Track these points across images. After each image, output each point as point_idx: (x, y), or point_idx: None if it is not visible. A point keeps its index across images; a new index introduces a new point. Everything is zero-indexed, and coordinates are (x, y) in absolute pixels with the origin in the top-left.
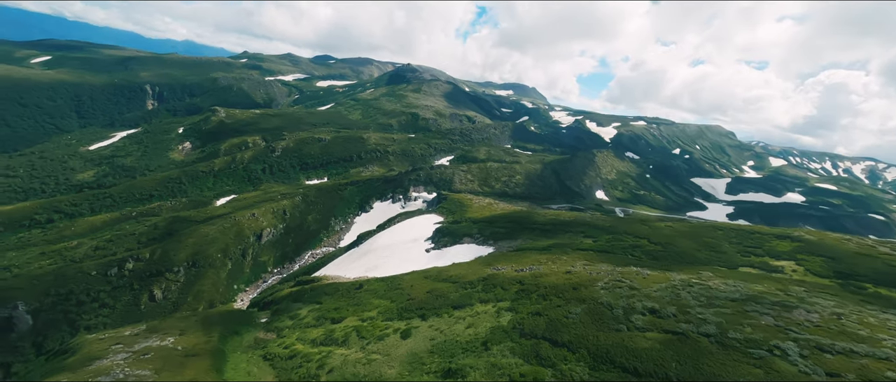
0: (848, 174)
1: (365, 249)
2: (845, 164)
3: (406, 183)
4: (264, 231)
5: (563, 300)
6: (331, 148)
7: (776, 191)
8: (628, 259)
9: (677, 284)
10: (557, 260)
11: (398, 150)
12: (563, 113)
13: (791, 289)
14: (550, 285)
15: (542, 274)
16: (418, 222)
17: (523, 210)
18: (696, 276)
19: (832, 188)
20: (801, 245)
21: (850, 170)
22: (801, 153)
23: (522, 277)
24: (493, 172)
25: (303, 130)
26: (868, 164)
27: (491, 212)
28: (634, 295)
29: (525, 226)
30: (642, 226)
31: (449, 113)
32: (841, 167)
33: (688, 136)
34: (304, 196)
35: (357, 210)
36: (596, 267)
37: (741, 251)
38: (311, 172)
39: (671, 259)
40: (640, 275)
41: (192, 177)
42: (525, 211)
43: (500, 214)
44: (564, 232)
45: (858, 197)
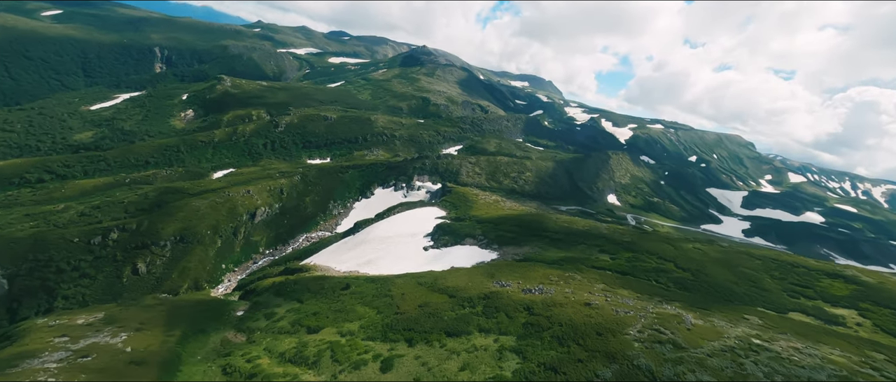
0: (867, 196)
1: (361, 239)
2: (865, 186)
3: (410, 171)
4: (259, 210)
5: (585, 351)
6: (336, 127)
7: (794, 209)
8: (654, 287)
9: (735, 345)
10: (571, 281)
11: (405, 135)
12: (579, 109)
13: (871, 358)
14: (567, 321)
15: (556, 303)
16: (419, 215)
17: (532, 212)
18: (755, 331)
19: (852, 210)
20: (859, 289)
21: (869, 192)
22: (819, 170)
23: (531, 301)
24: (502, 167)
25: (309, 107)
26: (889, 188)
27: (497, 212)
28: (682, 359)
29: (534, 232)
30: (667, 246)
31: (461, 100)
32: (860, 188)
33: (706, 144)
34: (303, 176)
35: (357, 195)
36: (618, 295)
37: (787, 289)
38: (313, 151)
39: (705, 291)
40: (682, 325)
41: (191, 146)
42: (534, 213)
43: (508, 215)
44: (577, 244)
45: (879, 222)
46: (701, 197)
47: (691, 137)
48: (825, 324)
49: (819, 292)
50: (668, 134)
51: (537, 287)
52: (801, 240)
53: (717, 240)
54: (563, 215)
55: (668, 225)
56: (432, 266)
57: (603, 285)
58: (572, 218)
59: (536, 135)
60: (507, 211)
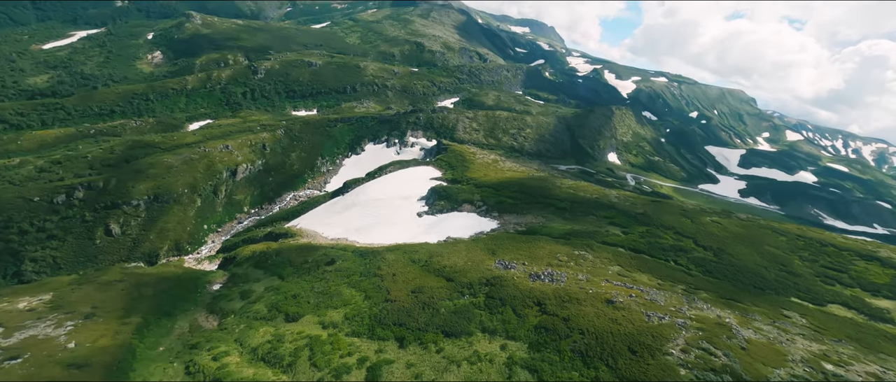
0: (856, 154)
1: (350, 200)
2: (856, 144)
3: (404, 126)
4: (240, 167)
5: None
6: (322, 75)
7: (789, 169)
8: (674, 270)
9: (808, 378)
10: (582, 262)
11: (398, 86)
12: (581, 59)
13: None
14: (589, 328)
15: (571, 297)
16: (413, 175)
17: (535, 176)
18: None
19: (844, 169)
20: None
21: (859, 150)
22: (814, 128)
23: (541, 293)
24: (502, 123)
25: (292, 51)
26: (879, 146)
27: (497, 175)
28: None
29: (537, 200)
30: (685, 221)
31: (458, 47)
32: (851, 146)
33: (708, 99)
34: (287, 129)
35: (347, 151)
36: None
37: (820, 274)
38: (298, 102)
39: (732, 276)
40: (734, 340)
41: (162, 94)
42: (537, 178)
43: (508, 179)
44: (586, 215)
45: (868, 182)
46: (700, 156)
47: (694, 92)
48: (870, 321)
49: (855, 278)
50: (671, 88)
51: (546, 271)
52: (794, 200)
53: (734, 212)
54: (568, 179)
55: (668, 186)
56: (427, 236)
57: (618, 267)
58: (578, 183)
59: (537, 88)
60: (508, 174)
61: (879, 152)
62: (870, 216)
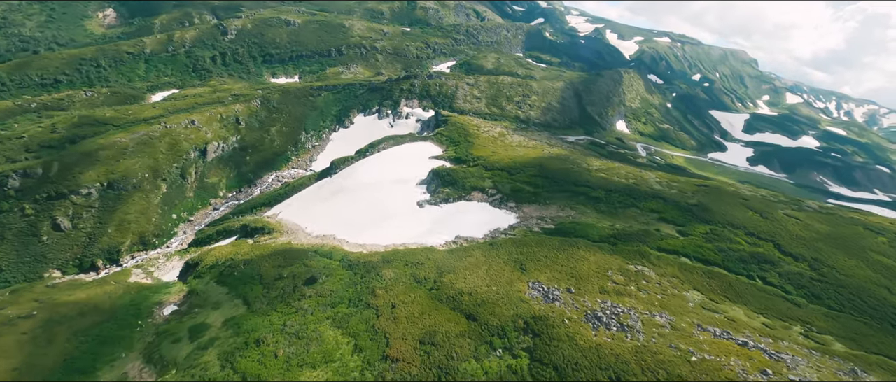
0: (848, 117)
1: (338, 185)
2: (848, 106)
3: (397, 94)
4: (210, 145)
5: None
6: (302, 35)
7: (792, 133)
8: (771, 296)
9: None
10: (646, 284)
11: (389, 48)
12: (581, 18)
13: None
14: None
15: (664, 363)
16: (410, 152)
17: (555, 155)
18: None
19: (842, 133)
20: None
21: (851, 112)
22: (809, 90)
23: (616, 359)
24: (505, 89)
25: (267, 8)
26: (870, 108)
27: (508, 154)
28: None
29: (561, 186)
30: (753, 216)
31: (454, 3)
32: (844, 108)
33: (710, 61)
34: (264, 100)
35: (333, 123)
36: (736, 320)
37: None
38: (276, 67)
39: (853, 305)
40: None
41: (115, 59)
42: (558, 156)
43: (523, 159)
44: (626, 207)
45: (866, 145)
46: (707, 123)
47: (697, 53)
48: None
49: None
50: (674, 49)
51: (604, 305)
52: (800, 167)
53: (803, 201)
54: (595, 159)
55: (680, 156)
56: (431, 236)
57: (697, 293)
58: (610, 165)
59: (538, 50)
60: (520, 152)
61: (870, 113)
62: (871, 181)
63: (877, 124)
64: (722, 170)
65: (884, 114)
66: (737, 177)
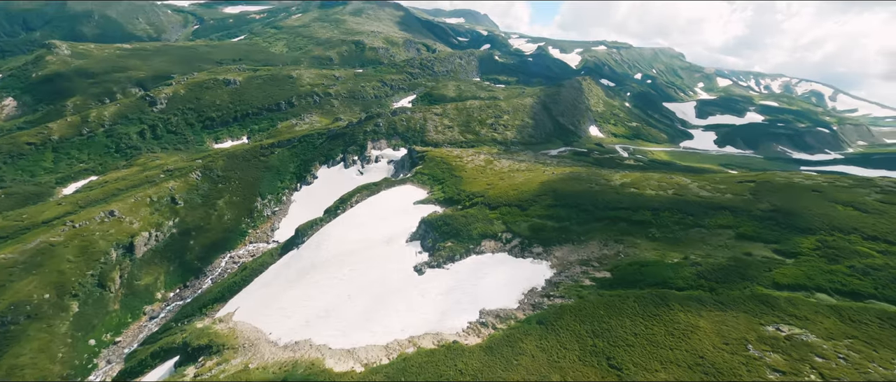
0: (768, 90)
1: (308, 260)
2: (765, 81)
3: (361, 137)
4: (138, 237)
5: None
6: (245, 93)
7: (738, 112)
8: None
9: None
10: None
11: (343, 92)
12: (522, 40)
13: None
14: None
15: None
16: (389, 201)
17: (566, 175)
18: None
19: (775, 105)
20: None
21: (769, 86)
22: (730, 73)
23: None
24: (475, 114)
25: (202, 71)
26: (783, 80)
27: (506, 183)
28: None
29: (589, 212)
30: (848, 211)
31: (403, 41)
32: (762, 84)
33: (645, 60)
34: (206, 170)
35: (293, 181)
36: None
37: None
38: (219, 131)
39: None
40: None
41: (13, 154)
42: (569, 176)
43: (529, 187)
44: (685, 228)
45: (798, 112)
46: (666, 115)
47: (632, 55)
48: None
49: None
50: (612, 54)
51: None
52: (761, 141)
53: (872, 180)
54: (612, 172)
55: (658, 150)
56: (449, 320)
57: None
58: (634, 175)
59: (493, 73)
60: (519, 178)
61: (785, 84)
62: (820, 143)
63: (792, 92)
64: (704, 157)
65: (795, 84)
66: (721, 161)
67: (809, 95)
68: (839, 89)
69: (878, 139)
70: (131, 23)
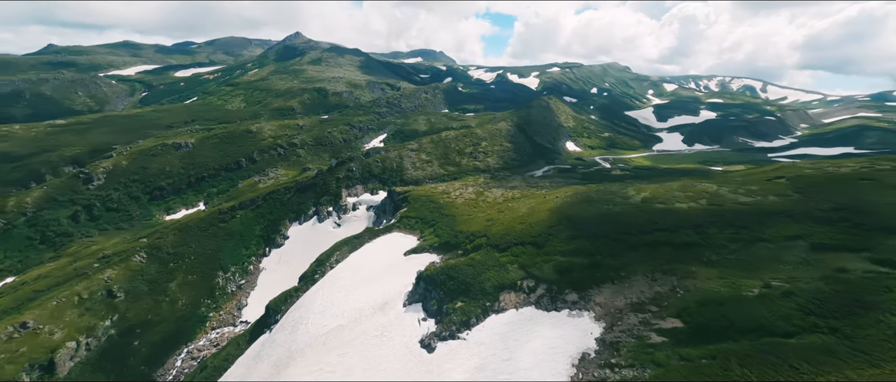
0: (707, 90)
1: (284, 346)
2: (704, 82)
3: (334, 185)
4: (61, 351)
5: None
6: (199, 155)
7: (693, 112)
8: None
9: None
10: None
11: (310, 140)
12: (481, 70)
13: None
14: None
15: None
16: (375, 256)
17: (577, 197)
18: None
19: (720, 101)
20: None
21: (708, 86)
22: (671, 78)
23: None
24: (453, 144)
25: (150, 137)
26: (718, 79)
27: (510, 217)
28: None
29: (623, 240)
30: None
31: (365, 82)
32: (701, 84)
33: (597, 76)
34: (153, 249)
35: (261, 246)
36: None
37: None
38: (171, 200)
39: None
40: None
41: None
42: (581, 198)
43: (538, 218)
44: (747, 245)
45: (743, 105)
46: (631, 122)
47: (585, 73)
48: None
49: None
50: (566, 73)
51: None
52: (724, 136)
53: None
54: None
55: (637, 157)
56: None
57: None
58: (649, 187)
59: (460, 103)
60: (524, 209)
61: (721, 82)
62: (773, 130)
63: (728, 88)
64: (681, 157)
65: (729, 81)
66: (698, 159)
67: (744, 90)
68: (767, 81)
69: (817, 121)
70: (69, 98)
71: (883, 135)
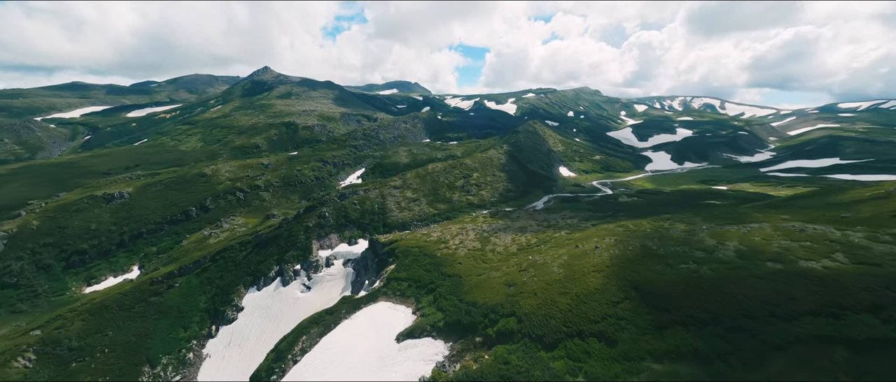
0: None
1: None
2: (668, 102)
3: (302, 236)
4: None
5: None
6: (139, 206)
7: (670, 130)
8: None
9: None
10: None
11: (276, 181)
12: (458, 99)
13: None
14: None
15: None
16: (357, 343)
17: (617, 247)
18: None
19: (690, 119)
20: None
21: (672, 106)
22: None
23: None
24: (441, 177)
25: (79, 188)
26: (680, 99)
27: (531, 274)
28: None
29: (741, 330)
30: None
31: (339, 114)
32: (666, 104)
33: (571, 100)
34: (48, 344)
35: (206, 323)
36: None
37: None
38: (94, 267)
39: None
40: None
41: None
42: (632, 247)
43: (580, 285)
44: None
45: (713, 121)
46: (616, 143)
47: (559, 97)
48: None
49: None
50: (541, 99)
51: None
52: (710, 153)
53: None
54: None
55: (636, 179)
56: None
57: None
58: (734, 233)
59: (441, 131)
60: (554, 266)
61: (683, 102)
62: (750, 145)
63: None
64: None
65: (690, 100)
66: (697, 178)
67: (705, 107)
68: (725, 99)
69: (782, 133)
70: None
71: (861, 145)
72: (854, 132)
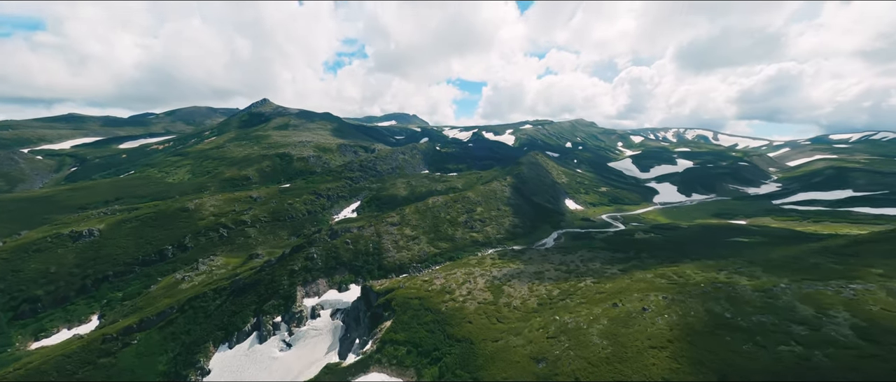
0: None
1: None
2: (662, 133)
3: (285, 282)
4: None
5: None
6: (106, 246)
7: (671, 161)
8: None
9: None
10: None
11: (264, 215)
12: (456, 130)
13: None
14: None
15: None
16: None
17: (675, 305)
18: None
19: (688, 150)
20: None
21: (666, 137)
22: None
23: None
24: (443, 213)
25: (46, 224)
26: (674, 130)
27: (564, 344)
28: None
29: None
30: None
31: (336, 145)
32: (660, 135)
33: (568, 132)
34: None
35: None
36: None
37: None
38: (47, 316)
39: None
40: None
41: None
42: (697, 309)
43: (635, 365)
44: None
45: (711, 152)
46: (618, 174)
47: (556, 129)
48: None
49: None
50: (539, 130)
51: None
52: (717, 184)
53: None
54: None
55: (646, 212)
56: None
57: None
58: (825, 295)
59: (440, 163)
60: (594, 333)
61: (676, 133)
62: (754, 176)
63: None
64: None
65: (684, 132)
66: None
67: (699, 138)
68: (717, 131)
69: (781, 164)
70: None
71: (870, 176)
72: (856, 163)
